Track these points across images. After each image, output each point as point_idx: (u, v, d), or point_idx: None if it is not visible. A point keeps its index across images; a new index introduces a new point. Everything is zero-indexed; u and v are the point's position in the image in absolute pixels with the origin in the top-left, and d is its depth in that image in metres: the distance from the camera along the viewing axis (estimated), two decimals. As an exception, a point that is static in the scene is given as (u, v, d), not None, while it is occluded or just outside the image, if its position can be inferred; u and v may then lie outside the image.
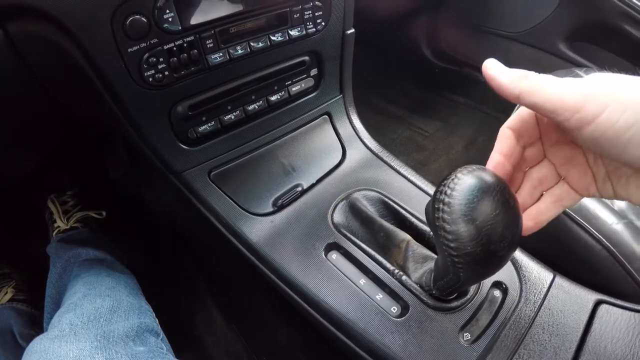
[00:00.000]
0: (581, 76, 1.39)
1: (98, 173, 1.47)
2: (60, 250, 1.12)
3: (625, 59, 1.66)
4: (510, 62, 1.48)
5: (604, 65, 1.64)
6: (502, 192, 0.44)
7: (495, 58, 1.52)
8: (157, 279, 1.08)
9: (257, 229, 0.76)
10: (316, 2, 0.79)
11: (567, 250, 0.90)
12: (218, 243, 0.83)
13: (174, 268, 1.34)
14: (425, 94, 2.22)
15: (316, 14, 0.80)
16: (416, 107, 2.15)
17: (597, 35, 1.71)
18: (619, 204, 0.97)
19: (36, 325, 1.14)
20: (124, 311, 0.83)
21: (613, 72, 0.40)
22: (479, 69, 1.55)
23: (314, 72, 0.89)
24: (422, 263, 0.70)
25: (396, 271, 0.69)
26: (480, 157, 0.66)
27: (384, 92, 2.19)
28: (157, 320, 0.89)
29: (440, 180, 0.47)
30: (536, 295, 0.70)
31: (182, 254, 1.33)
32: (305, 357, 0.99)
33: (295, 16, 0.77)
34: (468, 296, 0.68)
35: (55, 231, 1.22)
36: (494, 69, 0.46)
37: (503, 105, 1.27)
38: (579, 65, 1.61)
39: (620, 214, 0.92)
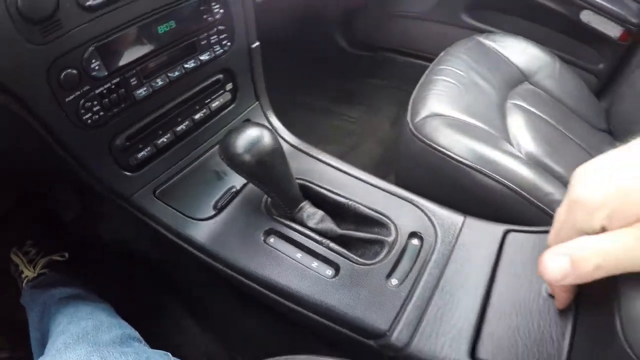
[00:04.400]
0: (483, 43, 1.52)
1: (52, 219, 1.50)
2: (35, 295, 1.16)
3: (526, 19, 1.79)
4: (419, 39, 1.60)
5: (506, 27, 1.77)
6: None
7: (406, 38, 1.62)
8: (127, 305, 1.12)
9: (204, 232, 0.84)
10: (219, 27, 0.87)
11: (474, 196, 0.99)
12: (174, 253, 0.89)
13: (142, 291, 1.37)
14: (347, 83, 2.30)
15: (221, 36, 0.88)
16: (340, 96, 2.24)
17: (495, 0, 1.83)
18: (510, 148, 1.08)
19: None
20: (107, 326, 0.90)
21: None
22: (393, 50, 1.68)
23: (229, 86, 0.97)
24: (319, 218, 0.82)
25: (324, 241, 0.79)
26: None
27: (308, 88, 2.26)
28: (137, 332, 0.96)
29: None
30: (450, 236, 0.80)
31: (146, 277, 1.37)
32: (275, 341, 1.06)
33: (202, 43, 0.86)
34: (387, 248, 0.78)
35: (25, 281, 1.26)
36: (558, 282, 0.43)
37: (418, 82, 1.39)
38: (482, 32, 1.71)
39: (514, 155, 1.02)
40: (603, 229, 0.40)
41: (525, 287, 0.68)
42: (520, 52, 1.53)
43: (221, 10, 0.86)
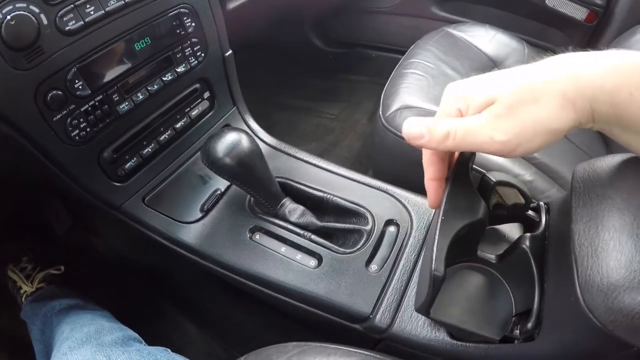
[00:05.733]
0: (452, 34, 1.56)
1: (46, 234, 1.51)
2: (35, 308, 1.18)
3: (495, 8, 1.83)
4: (392, 33, 1.62)
5: (476, 17, 1.79)
6: None
7: (379, 33, 1.64)
8: (124, 311, 1.14)
9: (194, 234, 0.87)
10: (192, 39, 0.91)
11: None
12: (166, 257, 0.93)
13: (138, 297, 1.39)
14: (325, 81, 2.33)
15: (195, 48, 0.92)
16: (319, 94, 2.27)
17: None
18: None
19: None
20: (108, 330, 0.94)
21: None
22: (368, 46, 1.71)
23: (207, 94, 1.00)
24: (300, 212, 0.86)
25: (306, 233, 0.83)
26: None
27: (287, 89, 2.29)
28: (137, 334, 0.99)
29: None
30: (424, 221, 0.85)
31: (140, 283, 1.39)
32: (268, 333, 1.10)
33: (178, 56, 0.89)
34: (366, 236, 0.83)
35: (24, 296, 1.27)
36: (416, 140, 0.52)
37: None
38: (452, 22, 1.72)
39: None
40: (461, 114, 0.51)
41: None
42: (488, 40, 1.55)
43: (193, 24, 0.90)
